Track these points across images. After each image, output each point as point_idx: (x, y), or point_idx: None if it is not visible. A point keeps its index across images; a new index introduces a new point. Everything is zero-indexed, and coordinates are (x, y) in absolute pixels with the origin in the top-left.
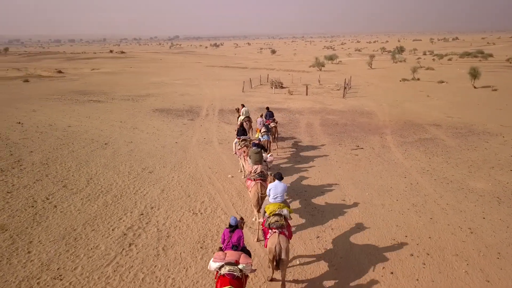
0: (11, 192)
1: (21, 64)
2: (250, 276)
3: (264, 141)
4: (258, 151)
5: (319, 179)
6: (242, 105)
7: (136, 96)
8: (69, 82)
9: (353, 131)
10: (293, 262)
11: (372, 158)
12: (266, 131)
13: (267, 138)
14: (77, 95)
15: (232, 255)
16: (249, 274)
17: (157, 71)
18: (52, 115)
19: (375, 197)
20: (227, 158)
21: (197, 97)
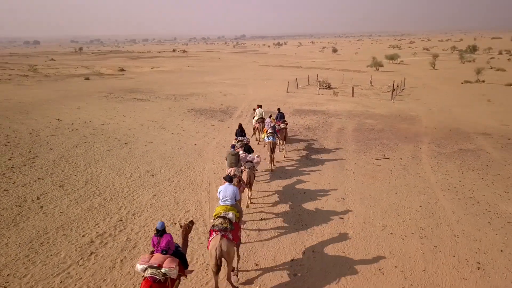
0: (8, 190)
1: (91, 63)
2: None
3: (269, 142)
4: (234, 154)
5: (324, 189)
6: (258, 106)
7: (180, 95)
8: (124, 80)
9: (386, 138)
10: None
11: (395, 170)
12: (272, 132)
13: (272, 140)
14: (125, 93)
15: (156, 259)
16: (185, 276)
17: (211, 70)
18: (92, 112)
19: (378, 217)
20: None
21: (239, 98)
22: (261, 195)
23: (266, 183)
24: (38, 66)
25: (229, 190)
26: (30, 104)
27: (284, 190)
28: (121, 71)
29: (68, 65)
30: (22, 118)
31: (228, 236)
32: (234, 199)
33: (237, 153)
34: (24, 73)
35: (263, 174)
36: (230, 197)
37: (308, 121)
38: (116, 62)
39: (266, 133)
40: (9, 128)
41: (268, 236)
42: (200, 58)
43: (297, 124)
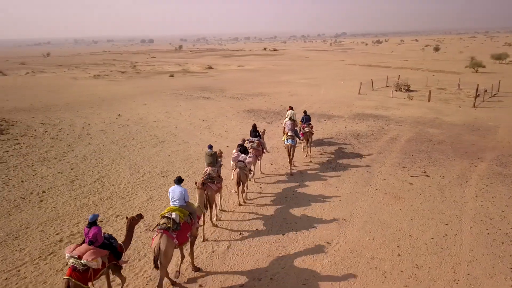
0: (25, 181)
1: (185, 60)
2: None
3: (288, 145)
4: (211, 154)
5: (331, 206)
6: (290, 107)
7: (246, 95)
8: (204, 78)
9: (441, 151)
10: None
11: (427, 190)
12: (292, 135)
13: (291, 142)
14: (196, 91)
15: (79, 250)
16: (120, 265)
17: (292, 69)
18: (154, 109)
19: (372, 246)
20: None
21: (304, 99)
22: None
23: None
24: (138, 64)
25: (176, 192)
26: (106, 100)
27: (286, 198)
28: (208, 69)
29: (165, 63)
30: (88, 113)
31: (171, 235)
32: (183, 200)
33: (214, 153)
34: (124, 70)
35: (279, 175)
36: (178, 198)
37: (362, 127)
38: (207, 60)
39: (286, 136)
40: (68, 122)
41: (241, 240)
42: (287, 57)
43: (348, 129)
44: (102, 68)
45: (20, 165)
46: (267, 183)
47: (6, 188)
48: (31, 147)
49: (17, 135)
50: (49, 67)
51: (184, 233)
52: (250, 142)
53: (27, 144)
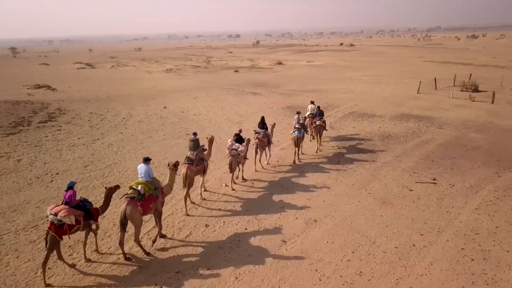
0: (47, 163)
1: (259, 56)
2: None
3: (294, 137)
4: (193, 140)
5: (310, 205)
6: (311, 102)
7: (297, 91)
8: (267, 74)
9: (470, 158)
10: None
11: (424, 198)
12: (299, 128)
13: (297, 134)
14: (249, 87)
15: (57, 208)
16: (95, 224)
17: (361, 66)
18: (201, 103)
19: (326, 249)
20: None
21: (355, 96)
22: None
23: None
24: (213, 59)
25: (143, 169)
26: (164, 92)
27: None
28: (277, 65)
29: (238, 58)
30: (140, 104)
31: (136, 203)
32: (148, 176)
33: (196, 139)
34: (197, 64)
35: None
36: (143, 174)
37: (398, 129)
38: (280, 56)
39: (294, 128)
40: (115, 112)
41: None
42: (362, 53)
43: (381, 130)
44: (178, 62)
45: (51, 149)
46: (268, 172)
47: (29, 168)
48: (68, 133)
49: (62, 122)
50: (133, 61)
51: (148, 203)
52: (256, 133)
53: (66, 130)
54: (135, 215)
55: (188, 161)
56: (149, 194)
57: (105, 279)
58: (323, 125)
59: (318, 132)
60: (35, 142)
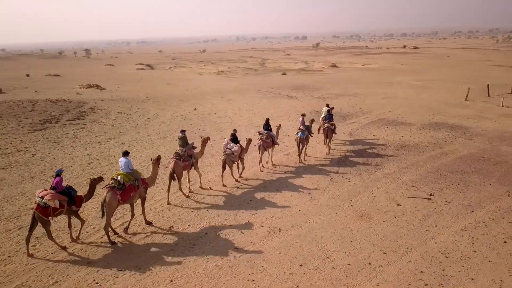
0: (56, 159)
1: (315, 58)
2: None
3: (297, 138)
4: (181, 137)
5: (282, 214)
6: (326, 105)
7: (336, 95)
8: (313, 77)
9: (485, 174)
10: None
11: (408, 215)
12: (303, 129)
13: (300, 135)
14: (287, 90)
15: (44, 192)
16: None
17: (417, 69)
18: (231, 105)
19: (275, 260)
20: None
21: (393, 102)
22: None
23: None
24: (268, 61)
25: (122, 162)
26: (203, 94)
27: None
28: (331, 67)
29: (293, 60)
30: (172, 105)
31: (116, 192)
32: (128, 168)
33: (183, 136)
34: (250, 67)
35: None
36: (123, 166)
37: (422, 138)
38: (337, 58)
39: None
40: (143, 112)
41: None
42: (425, 55)
43: (402, 139)
44: (232, 64)
45: (67, 146)
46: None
47: (39, 162)
48: (89, 131)
49: (89, 120)
50: (192, 62)
51: (128, 192)
52: (260, 134)
53: (88, 129)
54: (112, 203)
55: (176, 156)
56: (129, 184)
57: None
58: (332, 128)
59: (326, 135)
60: (55, 138)
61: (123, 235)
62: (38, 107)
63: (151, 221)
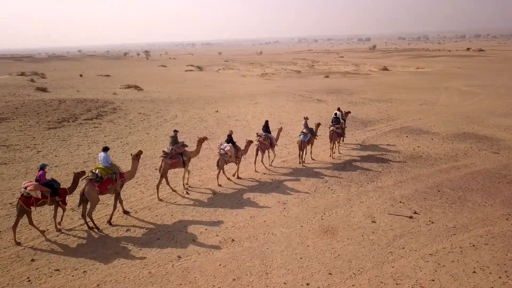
0: (58, 156)
1: (367, 61)
2: None
3: (299, 140)
4: (171, 136)
5: (244, 224)
6: (337, 109)
7: (369, 100)
8: (354, 80)
9: (492, 193)
10: None
11: (379, 234)
12: (305, 132)
13: (302, 138)
14: (320, 93)
15: (28, 183)
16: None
17: (474, 74)
18: (255, 108)
19: (211, 272)
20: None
21: (427, 109)
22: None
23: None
24: (319, 63)
25: (101, 156)
26: (232, 96)
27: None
28: (381, 70)
29: (345, 63)
30: (197, 107)
31: (94, 183)
32: (106, 162)
33: (174, 136)
34: (297, 69)
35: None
36: (102, 161)
37: (438, 149)
38: (391, 61)
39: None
40: (163, 113)
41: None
42: (489, 59)
43: (418, 150)
44: (280, 66)
45: (73, 144)
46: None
47: (40, 159)
48: (101, 131)
49: (105, 120)
50: (242, 64)
51: (105, 185)
52: (258, 136)
53: (101, 128)
54: (91, 194)
55: (164, 154)
56: (107, 177)
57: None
58: (337, 131)
59: (331, 138)
60: (65, 136)
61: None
62: (63, 106)
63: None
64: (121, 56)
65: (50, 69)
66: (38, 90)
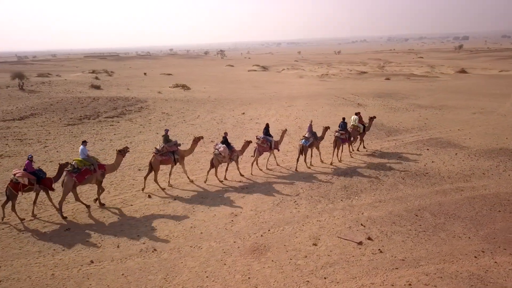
0: (59, 152)
1: (446, 62)
2: None
3: (300, 145)
4: (163, 135)
5: (177, 232)
6: (355, 113)
7: (418, 106)
8: (416, 84)
9: (480, 224)
10: None
11: (310, 259)
12: (307, 137)
13: (303, 143)
14: (365, 97)
15: (16, 171)
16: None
17: None
18: (287, 111)
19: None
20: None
21: (475, 118)
22: None
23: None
24: (392, 64)
25: (80, 149)
26: (270, 98)
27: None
28: (458, 73)
29: (421, 63)
30: (228, 109)
31: (72, 174)
32: (83, 154)
33: (165, 135)
34: (364, 70)
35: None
36: (80, 153)
37: (454, 166)
38: (475, 63)
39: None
40: (187, 114)
41: None
42: None
43: (429, 165)
44: (347, 67)
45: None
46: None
47: (41, 153)
48: (114, 129)
49: (125, 119)
50: (309, 65)
51: (83, 175)
52: (257, 139)
53: (116, 126)
54: (68, 184)
55: (155, 151)
56: (84, 168)
57: None
58: (341, 137)
59: (335, 144)
60: (78, 133)
61: None
62: (93, 104)
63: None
64: (200, 55)
65: (125, 67)
66: (92, 87)
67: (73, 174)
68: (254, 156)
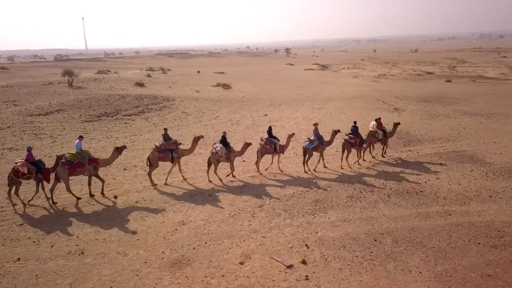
0: (63, 148)
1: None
2: None
3: (303, 147)
4: (163, 134)
5: (123, 237)
6: (375, 119)
7: (462, 112)
8: (477, 86)
9: (443, 258)
10: None
11: (225, 279)
12: (311, 139)
13: (306, 145)
14: (409, 101)
15: (19, 160)
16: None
17: None
18: (314, 113)
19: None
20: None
21: None
22: None
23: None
24: (466, 64)
25: (76, 144)
26: (304, 99)
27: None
28: (501, 74)
29: (502, 64)
30: (253, 109)
31: (64, 166)
32: (77, 148)
33: (164, 133)
34: (431, 71)
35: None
36: (75, 147)
37: (463, 186)
38: None
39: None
40: (207, 114)
41: None
42: None
43: (431, 183)
44: (412, 67)
45: (88, 138)
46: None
47: (47, 148)
48: (126, 127)
49: (142, 117)
50: (374, 64)
51: (75, 167)
52: (261, 140)
53: (129, 124)
54: (62, 174)
55: (154, 148)
56: (77, 161)
57: None
58: (350, 141)
59: (343, 148)
60: (90, 130)
61: None
62: (119, 101)
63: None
64: (267, 53)
65: (187, 65)
66: (136, 85)
67: (66, 165)
68: (258, 157)
